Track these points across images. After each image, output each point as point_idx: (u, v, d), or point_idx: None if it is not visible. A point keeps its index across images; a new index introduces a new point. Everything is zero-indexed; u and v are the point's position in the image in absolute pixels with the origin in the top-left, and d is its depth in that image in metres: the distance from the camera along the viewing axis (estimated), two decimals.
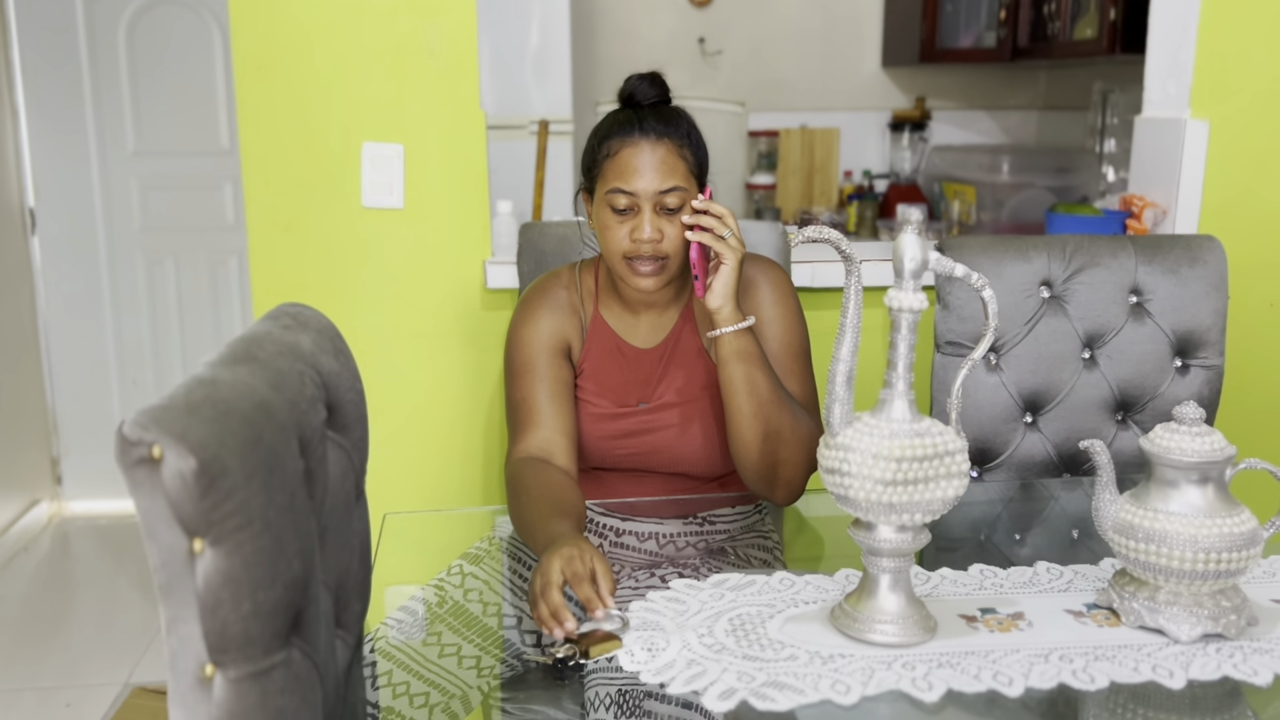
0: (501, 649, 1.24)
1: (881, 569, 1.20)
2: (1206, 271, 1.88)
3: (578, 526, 1.41)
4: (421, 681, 1.17)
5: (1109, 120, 3.58)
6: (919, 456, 1.15)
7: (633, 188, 1.54)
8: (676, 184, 1.55)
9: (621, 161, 1.55)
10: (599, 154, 1.59)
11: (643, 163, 1.54)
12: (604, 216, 1.58)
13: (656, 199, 1.54)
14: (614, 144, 1.56)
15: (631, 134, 1.55)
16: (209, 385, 0.86)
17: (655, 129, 1.55)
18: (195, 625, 0.81)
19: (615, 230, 1.56)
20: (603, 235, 1.59)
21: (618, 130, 1.57)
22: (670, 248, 1.56)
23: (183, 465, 0.79)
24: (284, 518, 0.86)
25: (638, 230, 1.55)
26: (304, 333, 1.10)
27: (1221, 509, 1.19)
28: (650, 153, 1.54)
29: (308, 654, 0.92)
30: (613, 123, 1.59)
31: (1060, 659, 1.16)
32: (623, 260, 1.57)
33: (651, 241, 1.54)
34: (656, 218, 1.55)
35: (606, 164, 1.57)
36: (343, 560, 1.12)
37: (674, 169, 1.55)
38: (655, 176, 1.54)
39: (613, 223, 1.57)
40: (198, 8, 3.72)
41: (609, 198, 1.56)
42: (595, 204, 1.61)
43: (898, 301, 1.16)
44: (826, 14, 4.07)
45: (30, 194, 3.75)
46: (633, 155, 1.54)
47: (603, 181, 1.58)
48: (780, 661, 1.15)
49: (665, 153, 1.55)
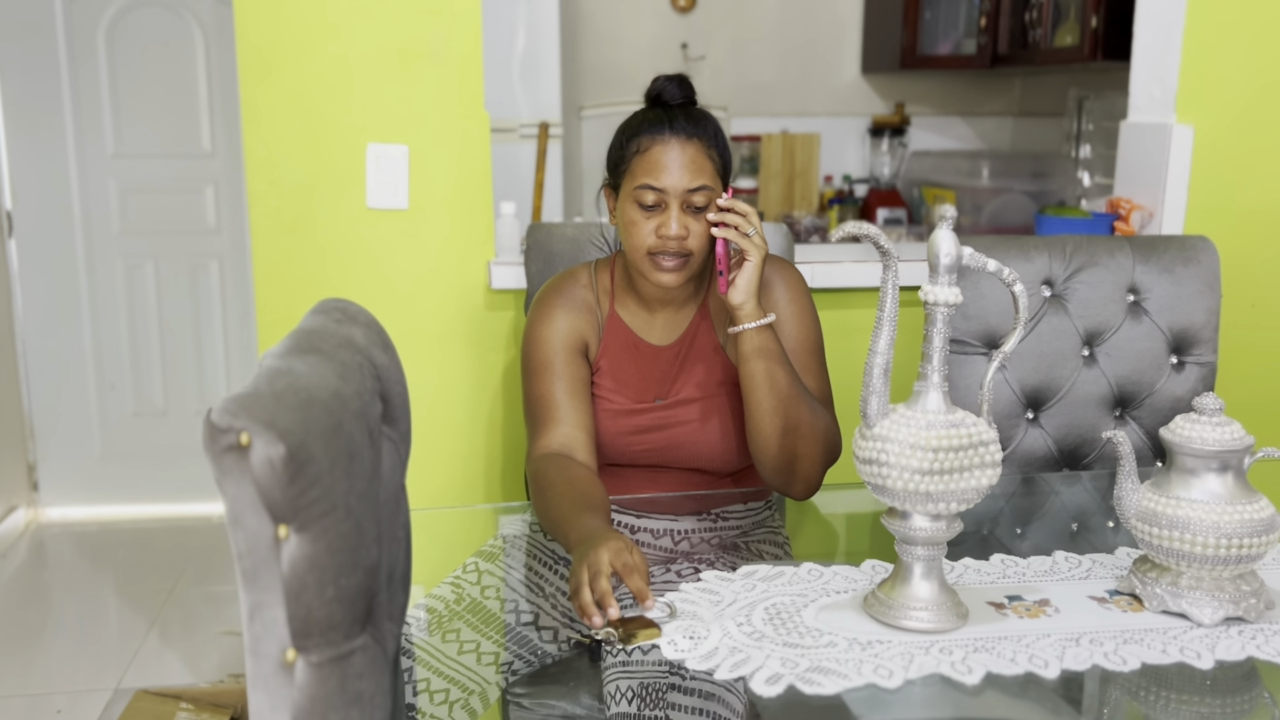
0: (520, 645, 1.26)
1: (916, 557, 1.23)
2: (1200, 271, 1.93)
3: (607, 520, 1.42)
4: (441, 678, 1.18)
5: (1085, 126, 3.66)
6: (954, 446, 1.18)
7: (662, 184, 1.56)
8: (704, 183, 1.57)
9: (651, 158, 1.57)
10: (628, 150, 1.61)
11: (672, 160, 1.56)
12: (630, 212, 1.60)
13: (684, 196, 1.57)
14: (644, 140, 1.59)
15: (662, 131, 1.58)
16: (288, 375, 0.87)
17: (685, 128, 1.58)
18: (280, 610, 0.83)
19: (641, 226, 1.58)
20: (627, 231, 1.60)
21: (648, 128, 1.59)
22: (695, 245, 1.58)
23: (271, 452, 0.80)
24: (363, 505, 0.88)
25: (664, 227, 1.57)
26: (355, 327, 1.11)
27: (1241, 496, 1.23)
28: (680, 151, 1.56)
29: (378, 639, 0.93)
30: (642, 120, 1.61)
31: (1091, 643, 1.20)
32: (646, 256, 1.59)
33: (678, 238, 1.57)
34: (683, 215, 1.57)
35: (636, 160, 1.59)
36: (393, 551, 1.13)
37: (702, 168, 1.57)
38: (685, 174, 1.56)
39: (639, 218, 1.59)
40: (179, 9, 3.69)
41: (637, 193, 1.58)
42: (620, 200, 1.63)
43: (933, 296, 1.19)
44: (807, 20, 4.12)
45: (7, 196, 3.70)
46: (663, 153, 1.57)
47: (630, 177, 1.60)
48: (820, 648, 1.18)
49: (695, 152, 1.57)
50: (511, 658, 1.23)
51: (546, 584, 1.42)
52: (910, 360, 1.96)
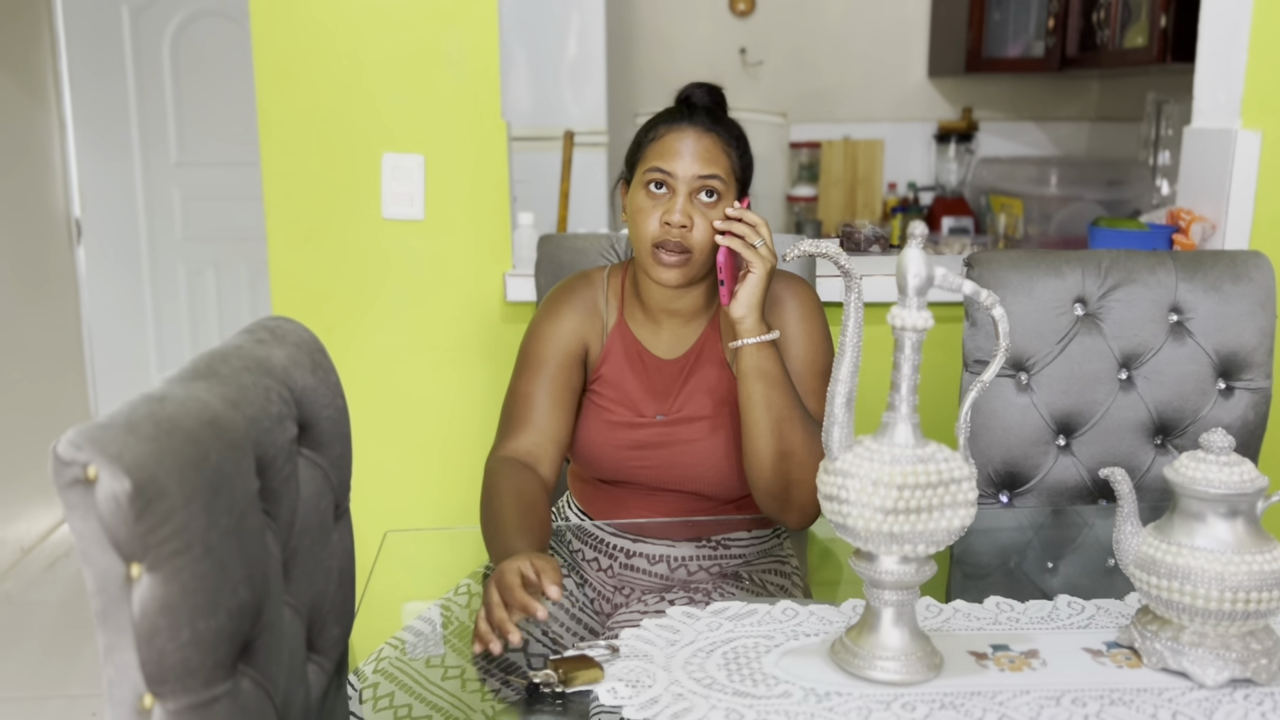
0: (508, 672, 1.20)
1: (884, 602, 1.14)
2: (1252, 289, 1.78)
3: (542, 545, 1.39)
4: (424, 704, 1.13)
5: (1163, 131, 3.47)
6: (922, 484, 1.08)
7: (671, 168, 1.52)
8: (716, 172, 1.52)
9: (665, 144, 1.54)
10: (644, 139, 1.58)
11: (685, 147, 1.52)
12: (638, 199, 1.55)
13: (694, 183, 1.52)
14: (661, 129, 1.56)
15: (680, 122, 1.55)
16: (155, 402, 0.82)
17: (704, 122, 1.55)
18: (132, 654, 0.78)
19: (647, 213, 1.53)
20: (634, 219, 1.56)
21: (666, 118, 1.57)
22: (697, 240, 1.52)
23: (117, 487, 0.75)
24: (229, 542, 0.82)
25: (669, 213, 1.52)
26: (279, 347, 1.06)
27: (1251, 544, 1.11)
28: (695, 140, 1.53)
29: (260, 683, 0.88)
30: (662, 114, 1.59)
31: (1073, 702, 1.09)
32: (650, 250, 1.54)
33: (680, 226, 1.51)
34: (689, 204, 1.52)
35: (649, 147, 1.56)
36: (317, 583, 1.08)
37: (716, 159, 1.53)
38: (696, 162, 1.52)
39: (646, 204, 1.54)
40: (240, 19, 3.74)
41: (646, 176, 1.54)
42: (632, 189, 1.59)
43: (901, 320, 1.10)
44: (870, 23, 3.99)
45: (76, 204, 3.79)
46: (677, 139, 1.53)
47: (643, 163, 1.56)
48: (773, 699, 1.09)
49: (710, 143, 1.53)
50: (498, 684, 1.17)
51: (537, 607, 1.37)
52: (936, 384, 1.86)
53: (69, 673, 2.87)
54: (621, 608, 1.35)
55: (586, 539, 1.59)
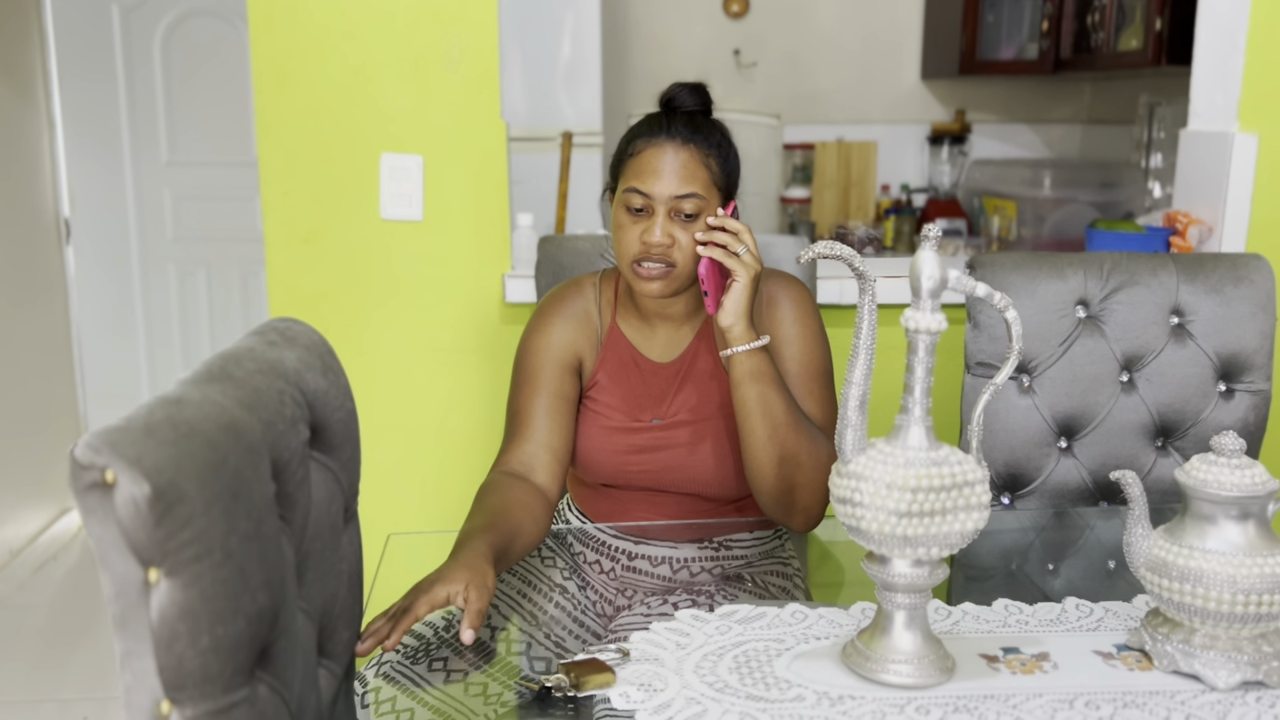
0: (511, 675, 1.19)
1: (896, 605, 1.13)
2: (1252, 291, 1.79)
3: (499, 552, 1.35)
4: (427, 709, 1.12)
5: (1156, 134, 3.48)
6: (936, 487, 1.08)
7: (648, 189, 1.50)
8: (694, 191, 1.50)
9: (642, 161, 1.51)
10: (625, 153, 1.56)
11: (663, 165, 1.50)
12: (619, 216, 1.54)
13: (671, 203, 1.50)
14: (639, 144, 1.53)
15: (657, 135, 1.52)
16: (173, 405, 0.82)
17: (682, 134, 1.51)
18: (150, 660, 0.77)
19: (628, 231, 1.52)
20: (616, 235, 1.55)
21: (645, 131, 1.54)
22: (680, 256, 1.51)
23: (136, 491, 0.74)
24: (248, 546, 0.81)
25: (648, 233, 1.50)
26: (290, 349, 1.05)
27: (1262, 547, 1.11)
28: (673, 156, 1.50)
29: (276, 689, 0.87)
30: (642, 123, 1.56)
31: (1086, 705, 1.09)
32: (631, 264, 1.53)
33: (660, 246, 1.50)
34: (669, 223, 1.50)
35: (629, 163, 1.54)
36: (329, 587, 1.07)
37: (694, 175, 1.50)
38: (673, 180, 1.49)
39: (626, 222, 1.53)
40: (232, 18, 3.72)
41: (625, 196, 1.53)
42: (614, 205, 1.57)
43: (914, 322, 1.09)
44: (865, 25, 4.00)
45: (65, 204, 3.77)
46: (654, 156, 1.51)
47: (623, 180, 1.54)
48: (786, 702, 1.09)
49: (688, 158, 1.50)
50: (501, 689, 1.16)
51: (541, 611, 1.36)
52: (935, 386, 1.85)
53: (61, 676, 2.84)
54: (625, 610, 1.35)
55: (588, 542, 1.58)
